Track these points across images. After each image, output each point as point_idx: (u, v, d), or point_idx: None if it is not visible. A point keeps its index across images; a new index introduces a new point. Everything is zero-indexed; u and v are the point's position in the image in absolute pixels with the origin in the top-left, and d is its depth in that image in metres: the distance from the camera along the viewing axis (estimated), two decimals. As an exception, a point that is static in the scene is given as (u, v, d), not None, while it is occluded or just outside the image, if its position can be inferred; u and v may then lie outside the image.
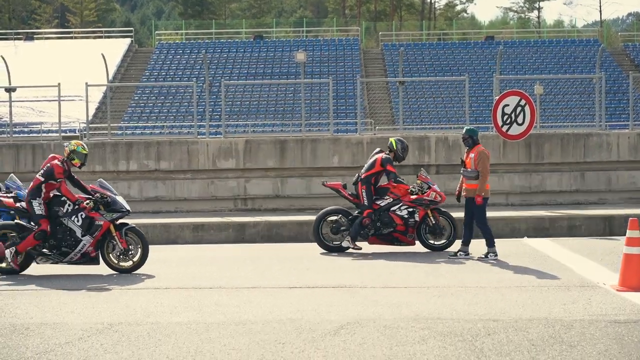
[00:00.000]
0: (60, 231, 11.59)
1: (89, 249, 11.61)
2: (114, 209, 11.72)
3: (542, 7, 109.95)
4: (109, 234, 11.71)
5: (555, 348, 6.91)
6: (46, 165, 11.74)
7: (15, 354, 7.06)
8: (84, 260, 11.70)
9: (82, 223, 11.54)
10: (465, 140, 12.95)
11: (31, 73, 37.14)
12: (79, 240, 11.54)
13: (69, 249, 11.60)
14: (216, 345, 7.20)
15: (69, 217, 11.57)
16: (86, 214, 11.55)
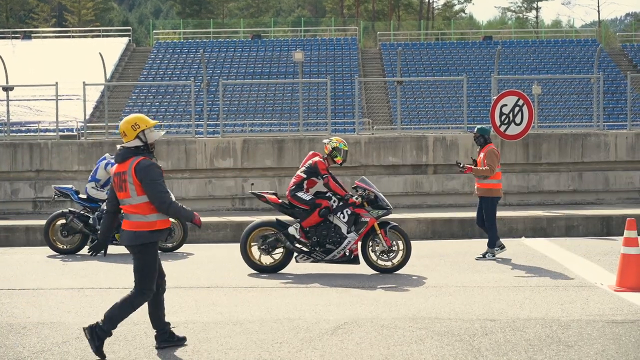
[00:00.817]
0: (324, 228, 11.21)
1: (352, 247, 11.16)
2: (379, 206, 11.27)
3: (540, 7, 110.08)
4: (372, 231, 11.25)
5: (553, 348, 6.91)
6: (307, 162, 11.59)
7: (12, 353, 7.05)
8: (346, 259, 11.22)
9: (348, 219, 11.15)
10: (477, 139, 13.01)
11: (28, 72, 37.15)
12: (344, 237, 11.13)
13: (333, 246, 11.19)
14: (213, 345, 7.20)
15: (335, 213, 11.23)
16: (352, 210, 11.20)
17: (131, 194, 6.86)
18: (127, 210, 6.94)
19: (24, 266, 12.52)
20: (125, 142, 6.98)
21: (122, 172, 6.88)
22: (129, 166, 6.85)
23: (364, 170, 18.83)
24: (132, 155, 6.91)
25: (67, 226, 14.00)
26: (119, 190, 6.93)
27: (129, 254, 7.32)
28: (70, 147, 19.06)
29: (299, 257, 11.31)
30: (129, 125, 6.95)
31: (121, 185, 6.89)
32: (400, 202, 18.71)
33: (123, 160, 6.92)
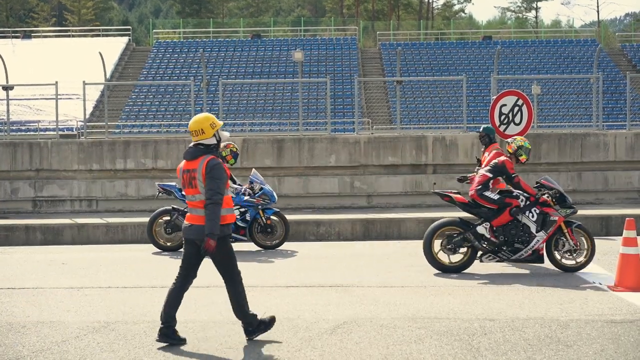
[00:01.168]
0: (513, 227, 11.13)
1: (540, 246, 11.09)
2: (566, 205, 11.21)
3: (540, 7, 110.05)
4: (558, 230, 11.18)
5: (552, 347, 6.92)
6: (492, 161, 11.54)
7: (12, 352, 7.05)
8: (533, 258, 11.15)
9: (537, 218, 11.07)
10: (482, 139, 13.01)
11: (28, 71, 37.16)
12: (533, 236, 11.03)
13: (521, 245, 11.09)
14: (212, 344, 7.21)
15: (523, 212, 11.15)
16: (540, 209, 11.15)
17: (200, 191, 7.12)
18: (196, 205, 7.19)
19: (23, 265, 12.52)
20: (200, 140, 7.19)
21: (192, 169, 7.14)
22: (199, 164, 7.11)
23: (363, 169, 18.85)
24: (202, 153, 7.18)
25: (171, 223, 14.00)
26: (188, 187, 7.21)
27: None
28: (70, 147, 19.07)
29: (485, 257, 11.23)
30: (207, 123, 7.21)
31: (190, 181, 7.16)
32: (400, 202, 18.73)
33: (194, 157, 7.17)
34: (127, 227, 16.30)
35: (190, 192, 7.21)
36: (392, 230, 16.09)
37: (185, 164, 7.26)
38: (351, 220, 16.24)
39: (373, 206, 18.69)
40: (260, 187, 14.03)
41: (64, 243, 16.07)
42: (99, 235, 16.28)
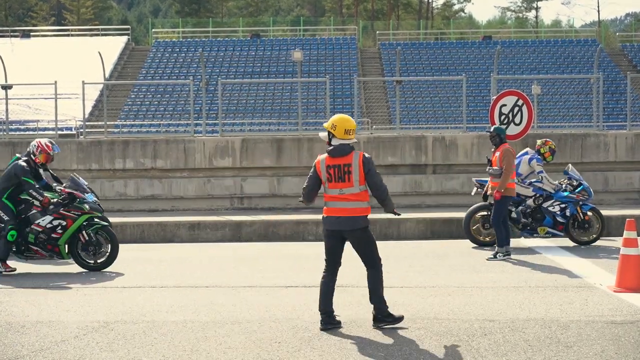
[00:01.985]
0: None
1: None
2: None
3: (540, 7, 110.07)
4: None
5: (552, 348, 6.90)
6: None
7: (11, 351, 7.04)
8: None
9: None
10: (493, 139, 12.96)
11: (27, 71, 37.13)
12: None
13: None
14: (212, 344, 7.19)
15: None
16: None
17: (354, 184, 7.62)
18: (346, 198, 7.67)
19: (22, 265, 12.49)
20: (345, 140, 7.66)
21: (345, 164, 7.60)
22: (353, 159, 7.61)
23: (363, 169, 18.79)
24: (350, 150, 7.67)
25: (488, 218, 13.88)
26: (337, 181, 7.65)
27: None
28: (69, 146, 19.05)
29: None
30: (354, 125, 7.77)
31: (343, 176, 7.61)
32: (399, 202, 18.67)
33: (344, 154, 7.63)
34: (127, 227, 16.28)
35: (340, 186, 7.65)
36: (391, 230, 16.07)
37: (332, 160, 7.66)
38: (351, 220, 16.19)
39: (372, 206, 18.60)
40: (579, 183, 14.21)
41: (63, 242, 16.01)
42: (98, 234, 16.23)
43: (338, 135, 7.65)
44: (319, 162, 7.77)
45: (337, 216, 7.69)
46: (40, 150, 11.74)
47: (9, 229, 11.38)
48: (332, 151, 7.66)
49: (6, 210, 11.49)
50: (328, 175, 7.68)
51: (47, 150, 11.78)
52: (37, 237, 11.56)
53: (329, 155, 7.68)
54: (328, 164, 7.68)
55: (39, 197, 11.34)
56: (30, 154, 11.77)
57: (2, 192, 11.54)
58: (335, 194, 7.69)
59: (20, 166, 11.49)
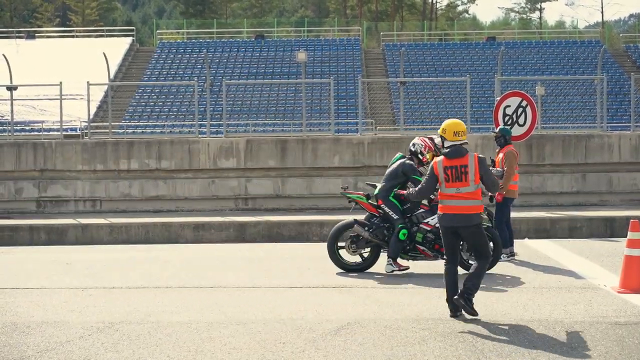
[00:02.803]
0: None
1: None
2: None
3: (544, 7, 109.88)
4: None
5: (556, 349, 6.91)
6: None
7: (17, 352, 7.06)
8: None
9: None
10: (498, 139, 12.96)
11: (32, 72, 37.14)
12: None
13: None
14: (217, 345, 7.21)
15: None
16: None
17: (470, 183, 8.19)
18: (463, 197, 8.20)
19: (27, 265, 12.54)
20: (455, 141, 8.27)
21: (462, 165, 8.20)
22: (469, 160, 8.21)
23: (367, 170, 18.84)
24: (466, 152, 8.28)
25: None
26: (455, 181, 8.22)
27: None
28: (74, 147, 19.09)
29: None
30: (463, 127, 8.37)
31: (460, 176, 8.19)
32: (403, 203, 18.70)
33: (461, 155, 8.23)
34: (131, 228, 16.33)
35: (457, 185, 8.21)
36: (395, 231, 16.04)
37: (449, 161, 8.25)
38: (355, 221, 16.20)
39: (377, 207, 18.64)
40: None
41: (68, 243, 16.09)
42: (103, 235, 16.30)
43: (448, 138, 8.29)
44: (437, 164, 8.33)
45: (454, 213, 8.21)
46: (428, 149, 11.58)
47: (400, 227, 11.12)
48: (449, 153, 8.25)
49: (394, 208, 11.29)
50: (446, 175, 8.24)
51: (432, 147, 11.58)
52: (425, 237, 11.18)
53: (446, 157, 8.27)
54: (445, 165, 8.25)
55: None
56: (417, 153, 11.66)
57: (389, 191, 11.34)
58: (452, 193, 8.22)
59: (409, 164, 11.35)
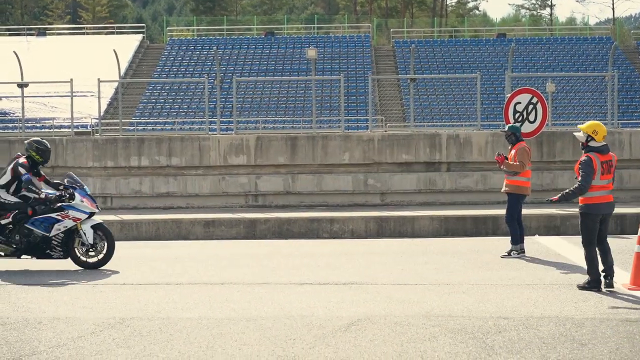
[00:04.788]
0: None
1: None
2: None
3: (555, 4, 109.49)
4: None
5: (566, 346, 6.90)
6: None
7: (29, 347, 7.10)
8: None
9: None
10: (509, 137, 13.02)
11: (43, 69, 37.29)
12: None
13: None
14: (227, 341, 7.23)
15: None
16: None
17: (613, 176, 9.64)
18: (609, 187, 9.58)
19: (39, 262, 12.58)
20: (602, 142, 9.54)
21: (609, 161, 9.53)
22: (612, 157, 9.61)
23: (377, 167, 18.85)
24: (609, 149, 9.63)
25: None
26: (607, 174, 9.52)
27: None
28: (85, 144, 19.15)
29: None
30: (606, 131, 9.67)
31: (609, 169, 9.53)
32: (413, 200, 18.72)
33: (607, 152, 9.57)
34: (142, 224, 16.37)
35: (607, 178, 9.50)
36: (405, 228, 16.08)
37: (603, 157, 9.49)
38: (365, 218, 16.24)
39: (387, 204, 18.68)
40: None
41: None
42: (114, 231, 16.29)
43: (597, 139, 9.51)
44: (595, 159, 9.42)
45: (607, 202, 9.51)
46: None
47: None
48: (603, 149, 9.50)
49: None
50: (602, 169, 9.44)
51: None
52: None
53: (601, 153, 9.48)
54: (602, 160, 9.45)
55: None
56: None
57: None
58: (604, 184, 9.47)
59: None
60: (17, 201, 11.68)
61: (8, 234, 11.68)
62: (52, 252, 11.75)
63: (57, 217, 11.55)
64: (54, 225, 11.55)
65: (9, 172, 11.72)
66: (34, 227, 11.57)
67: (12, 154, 19.03)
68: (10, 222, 11.65)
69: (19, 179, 11.69)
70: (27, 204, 11.67)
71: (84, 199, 11.76)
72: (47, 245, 11.71)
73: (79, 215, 11.61)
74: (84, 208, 11.69)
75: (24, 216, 11.59)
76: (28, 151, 11.94)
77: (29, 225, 11.58)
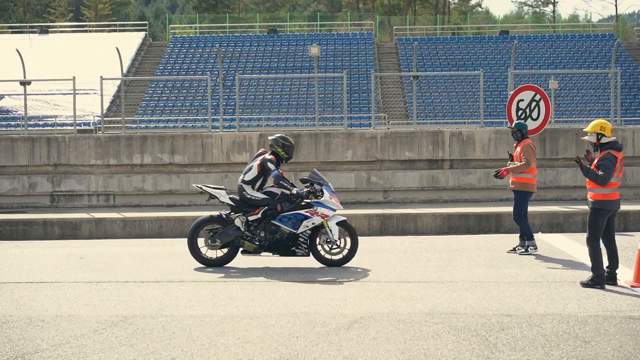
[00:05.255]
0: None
1: None
2: None
3: (557, 1, 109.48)
4: None
5: (570, 343, 6.90)
6: None
7: (31, 345, 7.10)
8: None
9: None
10: (515, 134, 13.06)
11: (46, 66, 37.32)
12: None
13: None
14: (230, 339, 7.23)
15: None
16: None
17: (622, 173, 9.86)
18: (619, 184, 9.82)
19: (41, 260, 12.60)
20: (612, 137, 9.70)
21: (622, 159, 9.70)
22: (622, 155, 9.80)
23: (379, 165, 18.83)
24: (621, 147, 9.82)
25: None
26: (620, 171, 9.68)
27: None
28: (87, 142, 19.15)
29: None
30: None
31: (621, 167, 9.67)
32: (416, 197, 18.71)
33: (621, 149, 9.75)
34: (145, 222, 16.37)
35: (620, 175, 9.69)
36: (408, 225, 16.07)
37: (619, 154, 9.65)
38: (368, 216, 16.23)
39: (389, 201, 18.67)
40: None
41: (82, 237, 16.16)
42: (117, 229, 16.36)
43: (607, 134, 9.65)
44: (617, 156, 9.61)
45: (617, 199, 9.68)
46: None
47: None
48: (619, 147, 9.69)
49: None
50: (619, 166, 9.62)
51: None
52: None
53: (619, 150, 9.66)
54: (619, 158, 9.63)
55: None
56: None
57: None
58: (617, 181, 9.67)
59: None
60: (264, 197, 11.54)
61: (253, 230, 11.53)
62: (298, 249, 11.51)
63: (306, 214, 11.34)
64: (302, 222, 11.33)
65: (256, 168, 11.59)
66: (282, 223, 11.38)
67: (15, 152, 19.07)
68: (258, 219, 11.50)
69: (264, 175, 11.64)
70: (275, 200, 11.54)
71: (332, 196, 11.59)
72: (293, 243, 11.49)
73: (327, 212, 11.39)
74: (332, 205, 11.48)
75: (274, 212, 11.42)
76: (274, 147, 11.74)
77: (277, 222, 11.39)
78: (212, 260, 11.67)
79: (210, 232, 11.66)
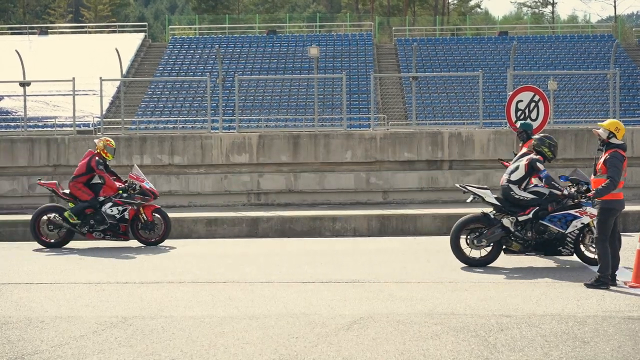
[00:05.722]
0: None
1: None
2: None
3: (556, 2, 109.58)
4: None
5: (569, 344, 6.90)
6: None
7: (31, 346, 7.10)
8: None
9: None
10: (520, 135, 13.26)
11: (45, 68, 37.30)
12: None
13: None
14: (230, 339, 7.23)
15: None
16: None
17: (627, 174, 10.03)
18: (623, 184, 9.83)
19: (41, 261, 12.60)
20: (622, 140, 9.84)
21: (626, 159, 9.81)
22: None
23: (379, 165, 18.84)
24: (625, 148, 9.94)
25: None
26: (625, 171, 9.82)
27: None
28: (87, 142, 19.14)
29: None
30: None
31: (626, 167, 9.85)
32: (416, 198, 18.72)
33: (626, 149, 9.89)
34: (144, 223, 16.35)
35: (625, 175, 9.85)
36: (408, 226, 16.08)
37: (625, 154, 9.77)
38: (367, 216, 16.23)
39: (389, 202, 18.68)
40: None
41: (81, 238, 16.13)
42: (116, 230, 16.33)
43: (619, 137, 9.79)
44: (625, 156, 9.74)
45: (623, 199, 9.80)
46: None
47: None
48: (624, 147, 9.80)
49: None
50: (625, 166, 9.76)
51: None
52: None
53: (624, 150, 9.76)
54: (626, 158, 9.73)
55: None
56: None
57: None
58: (623, 181, 9.75)
59: None
60: (533, 197, 11.44)
61: (520, 230, 11.43)
62: (564, 249, 11.40)
63: (575, 214, 11.25)
64: (572, 222, 11.23)
65: (523, 167, 11.49)
66: (551, 223, 11.25)
67: (14, 153, 19.08)
68: (528, 219, 11.39)
69: (530, 175, 11.55)
70: (544, 200, 11.43)
71: None
72: (560, 242, 11.36)
73: (594, 212, 10.95)
74: None
75: (545, 212, 11.33)
76: (539, 147, 11.64)
77: (546, 222, 11.27)
78: (476, 260, 11.53)
79: (473, 232, 11.61)
